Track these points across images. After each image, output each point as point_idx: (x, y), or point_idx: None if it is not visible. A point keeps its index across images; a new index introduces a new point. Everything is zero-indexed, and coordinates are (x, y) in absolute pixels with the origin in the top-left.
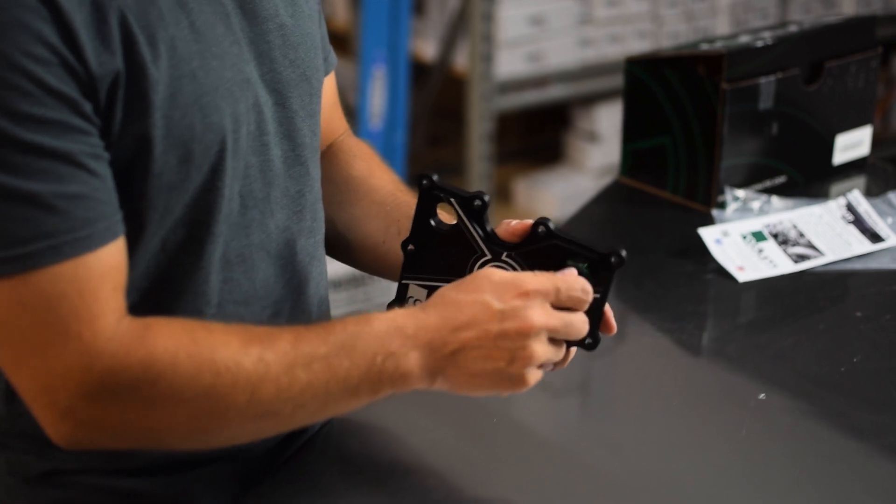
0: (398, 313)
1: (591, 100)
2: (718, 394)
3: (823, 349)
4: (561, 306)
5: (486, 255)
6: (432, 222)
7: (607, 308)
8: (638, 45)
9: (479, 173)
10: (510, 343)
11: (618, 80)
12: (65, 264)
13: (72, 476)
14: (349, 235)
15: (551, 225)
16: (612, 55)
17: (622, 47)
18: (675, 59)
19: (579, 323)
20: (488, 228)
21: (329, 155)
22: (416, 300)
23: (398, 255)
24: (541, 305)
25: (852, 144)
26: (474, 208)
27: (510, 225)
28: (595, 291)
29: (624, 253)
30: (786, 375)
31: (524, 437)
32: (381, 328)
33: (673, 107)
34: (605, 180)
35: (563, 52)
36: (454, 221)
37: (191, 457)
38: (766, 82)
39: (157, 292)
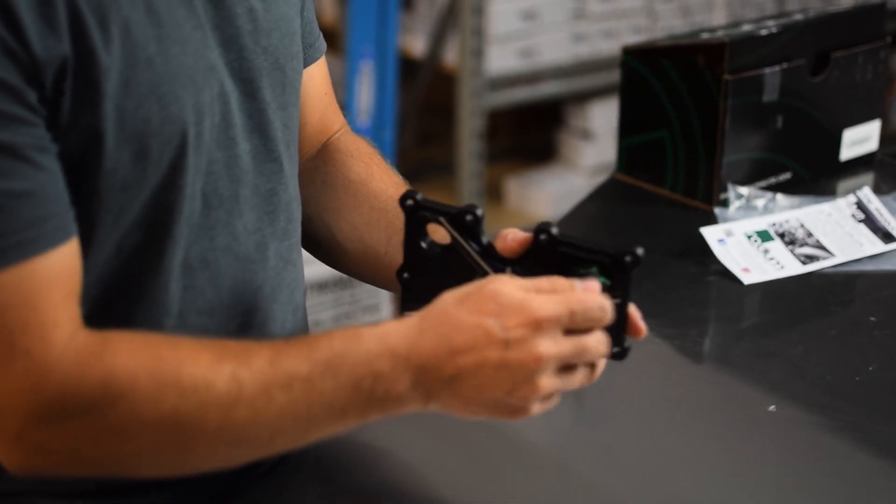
0: (390, 330)
1: (584, 96)
2: (724, 406)
3: (836, 357)
4: (576, 329)
5: (487, 274)
6: (423, 245)
7: (632, 309)
8: (632, 41)
9: (469, 172)
10: (512, 374)
11: (612, 77)
12: (9, 270)
13: (18, 499)
14: (349, 245)
15: (554, 231)
16: (607, 51)
17: (616, 42)
18: (674, 49)
19: (594, 345)
20: (485, 243)
21: (325, 156)
22: None
23: (394, 267)
24: (551, 336)
25: (860, 139)
26: (466, 224)
27: (507, 238)
28: (613, 296)
29: (640, 251)
30: (797, 385)
31: (515, 450)
32: (371, 347)
33: (671, 99)
34: (600, 179)
35: (555, 48)
36: (448, 241)
37: (151, 481)
38: (771, 73)
39: (110, 301)
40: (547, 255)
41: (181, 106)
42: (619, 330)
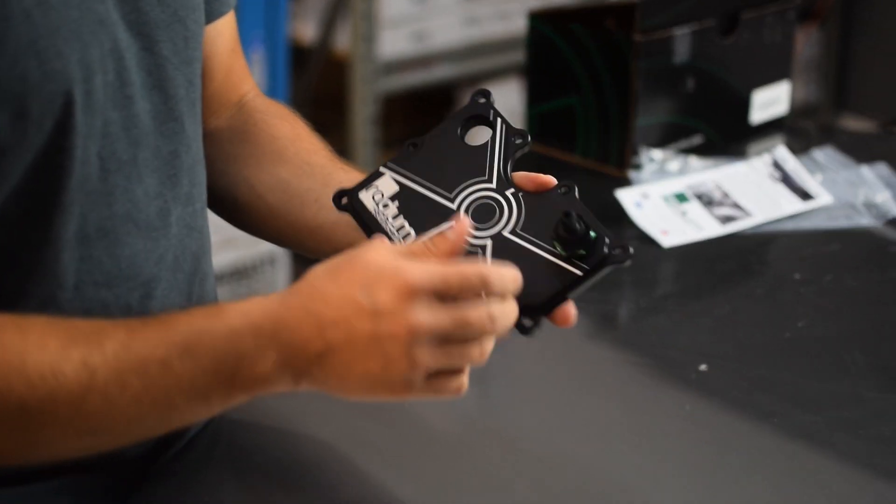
0: (254, 305)
1: (478, 79)
2: (654, 368)
3: (764, 315)
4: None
5: (490, 182)
6: (459, 132)
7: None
8: (523, 24)
9: (364, 159)
10: (383, 347)
11: (506, 59)
12: None
13: None
14: (271, 196)
15: (576, 192)
16: (500, 33)
17: (510, 24)
18: (584, 12)
19: (478, 319)
20: (510, 167)
21: (244, 115)
22: (380, 195)
23: (331, 215)
24: (425, 305)
25: (770, 102)
26: (512, 141)
27: (531, 174)
28: (578, 267)
29: (632, 250)
30: (726, 345)
31: (427, 427)
32: (233, 324)
33: (582, 64)
34: None
35: (448, 31)
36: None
37: (46, 466)
38: (681, 35)
39: None
40: (553, 204)
41: (64, 62)
42: (547, 304)
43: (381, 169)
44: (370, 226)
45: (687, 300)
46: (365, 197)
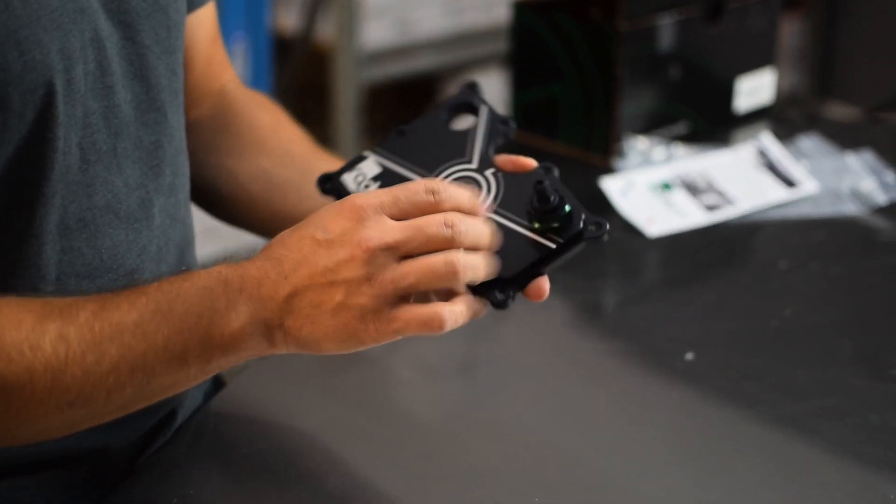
0: (222, 266)
1: (462, 69)
2: (640, 358)
3: (750, 304)
4: (408, 217)
5: (471, 162)
6: (446, 118)
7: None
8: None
9: (347, 149)
10: (343, 273)
11: (490, 48)
12: None
13: None
14: (252, 187)
15: (556, 172)
16: (484, 22)
17: (493, 14)
18: (568, 2)
19: (435, 225)
20: (491, 150)
21: (225, 105)
22: (363, 177)
23: (312, 204)
24: (374, 221)
25: (755, 90)
26: (497, 128)
27: (511, 156)
28: (552, 240)
29: (607, 226)
30: (712, 333)
31: (414, 418)
32: (202, 284)
33: (567, 53)
34: None
35: (431, 21)
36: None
37: (30, 458)
38: (666, 23)
39: None
40: (531, 182)
41: (45, 52)
42: (521, 277)
43: (365, 153)
44: None
45: (673, 289)
46: (347, 179)
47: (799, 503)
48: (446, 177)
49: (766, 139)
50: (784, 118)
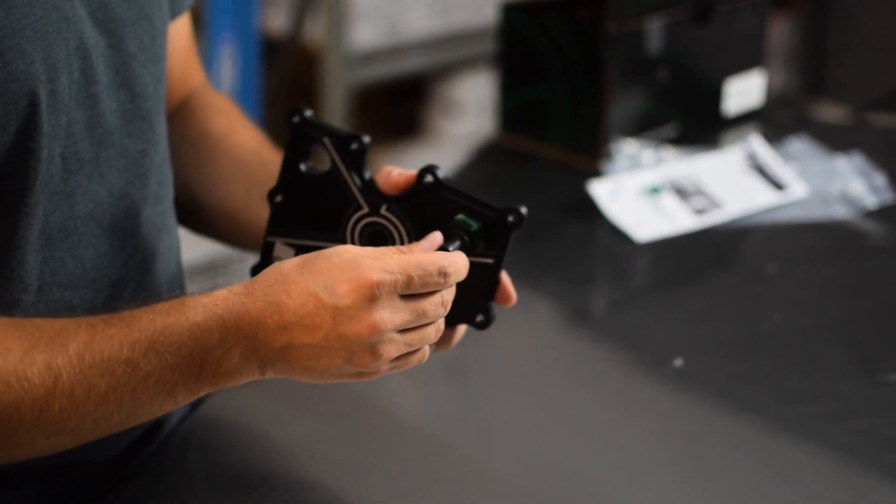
0: (218, 299)
1: (452, 69)
2: (628, 363)
3: (739, 308)
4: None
5: (362, 208)
6: (303, 167)
7: (504, 276)
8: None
9: None
10: (347, 344)
11: (478, 49)
12: None
13: None
14: (206, 200)
15: (440, 173)
16: (472, 23)
17: (482, 15)
18: (557, 4)
19: (434, 309)
20: (367, 176)
21: (184, 111)
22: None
23: (262, 220)
24: (386, 303)
25: (744, 92)
26: (351, 152)
27: (392, 175)
28: (487, 256)
29: (524, 210)
30: (701, 338)
31: (403, 424)
32: (197, 319)
33: (555, 55)
34: (472, 150)
35: (420, 21)
36: (328, 168)
37: (13, 470)
38: (655, 27)
39: None
40: (428, 198)
41: (28, 62)
42: (486, 294)
43: (269, 239)
44: None
45: (662, 294)
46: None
47: None
48: (353, 234)
49: (756, 142)
50: (773, 120)
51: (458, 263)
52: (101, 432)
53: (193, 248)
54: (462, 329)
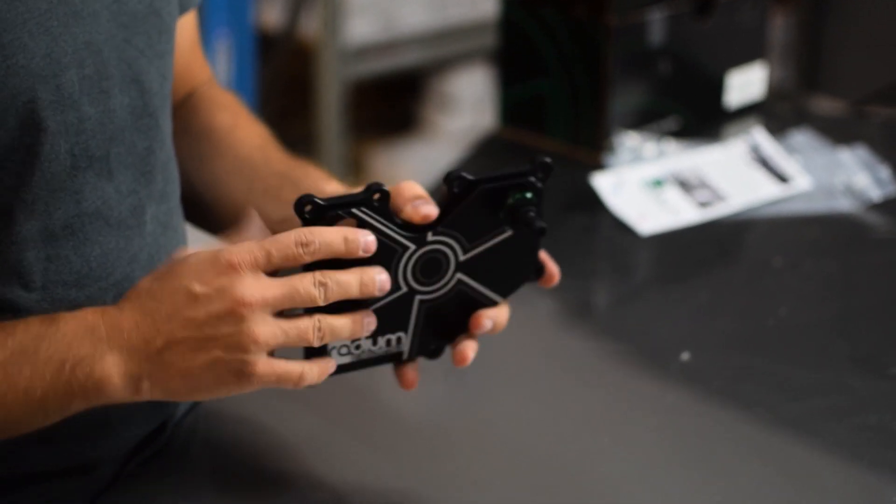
0: (89, 311)
1: (448, 64)
2: (634, 357)
3: (745, 303)
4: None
5: (409, 248)
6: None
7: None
8: (493, 8)
9: (331, 146)
10: (221, 328)
11: (474, 44)
12: None
13: None
14: (208, 195)
15: (467, 175)
16: (468, 18)
17: (478, 9)
18: None
19: (306, 285)
20: (397, 220)
21: (189, 105)
22: None
23: (263, 216)
24: (251, 278)
25: (745, 85)
26: (377, 206)
27: (409, 208)
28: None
29: (549, 160)
30: (707, 333)
31: (405, 420)
32: (68, 329)
33: (555, 49)
34: (473, 145)
35: (415, 16)
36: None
37: (15, 472)
38: (655, 18)
39: None
40: (469, 202)
41: (29, 57)
42: (532, 257)
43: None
44: None
45: (666, 288)
46: None
47: None
48: (407, 275)
49: (758, 134)
50: (775, 113)
51: (320, 233)
52: None
53: (200, 246)
54: (506, 310)
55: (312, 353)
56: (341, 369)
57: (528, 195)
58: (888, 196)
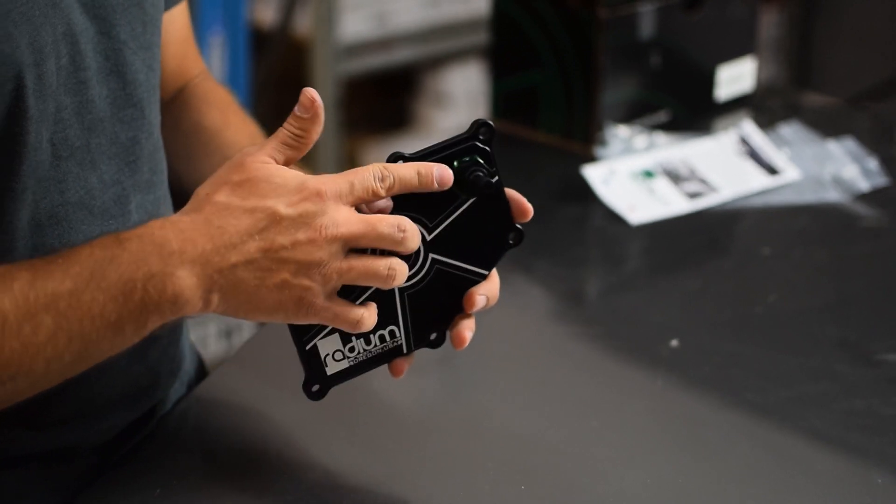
0: (155, 226)
1: (441, 61)
2: (624, 344)
3: (734, 290)
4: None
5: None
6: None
7: (510, 192)
8: (485, 5)
9: (325, 142)
10: (297, 254)
11: (468, 40)
12: None
13: None
14: None
15: (404, 153)
16: (462, 14)
17: (471, 5)
18: None
19: (387, 225)
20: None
21: (180, 101)
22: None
23: None
24: (336, 209)
25: (735, 78)
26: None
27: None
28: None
29: (491, 122)
30: (697, 321)
31: (397, 408)
32: (135, 248)
33: (547, 41)
34: None
35: (409, 13)
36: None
37: (3, 455)
38: (646, 11)
39: None
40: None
41: (14, 45)
42: (506, 216)
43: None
44: None
45: (656, 277)
46: None
47: (785, 489)
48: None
49: (748, 127)
50: (764, 107)
51: (395, 168)
52: (54, 375)
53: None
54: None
55: (300, 342)
56: (344, 376)
57: (475, 158)
58: (876, 187)
